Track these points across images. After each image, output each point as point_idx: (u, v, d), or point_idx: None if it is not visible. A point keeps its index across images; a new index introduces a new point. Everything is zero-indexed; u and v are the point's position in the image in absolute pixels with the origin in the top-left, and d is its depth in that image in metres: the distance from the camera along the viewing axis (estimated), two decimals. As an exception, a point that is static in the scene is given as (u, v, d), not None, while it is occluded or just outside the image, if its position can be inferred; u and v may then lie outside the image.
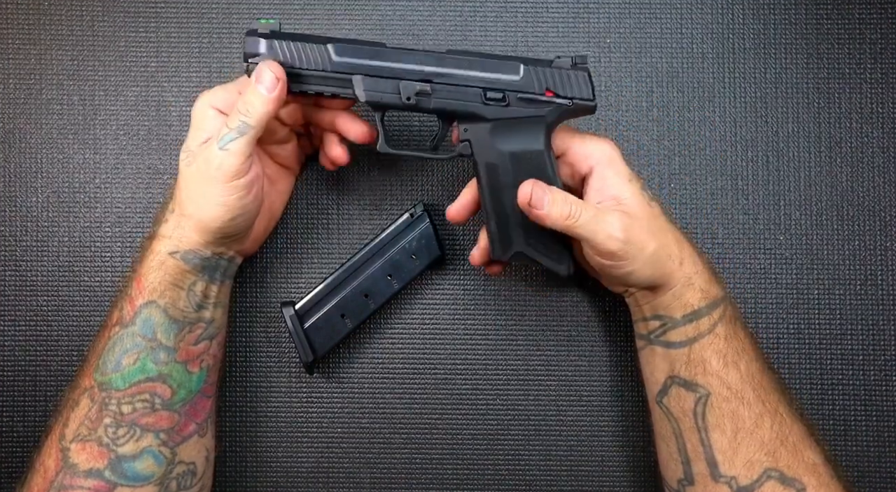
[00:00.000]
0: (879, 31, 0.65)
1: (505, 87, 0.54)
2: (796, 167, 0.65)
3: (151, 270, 0.52)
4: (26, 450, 0.62)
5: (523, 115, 0.54)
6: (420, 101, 0.53)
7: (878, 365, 0.64)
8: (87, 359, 0.53)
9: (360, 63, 0.53)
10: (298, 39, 0.53)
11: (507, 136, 0.54)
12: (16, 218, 0.64)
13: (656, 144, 0.65)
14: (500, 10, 0.65)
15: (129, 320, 0.52)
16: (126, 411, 0.51)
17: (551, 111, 0.54)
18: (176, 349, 0.53)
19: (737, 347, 0.53)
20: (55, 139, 0.64)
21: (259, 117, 0.50)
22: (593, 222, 0.51)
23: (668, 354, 0.54)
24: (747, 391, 0.52)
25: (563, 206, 0.51)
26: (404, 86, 0.53)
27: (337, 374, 0.64)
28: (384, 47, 0.53)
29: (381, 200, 0.64)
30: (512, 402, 0.64)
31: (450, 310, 0.64)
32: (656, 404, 0.55)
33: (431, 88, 0.53)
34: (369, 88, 0.53)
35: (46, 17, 0.64)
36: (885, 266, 0.64)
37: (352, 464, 0.63)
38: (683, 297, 0.53)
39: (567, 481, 0.63)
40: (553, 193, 0.52)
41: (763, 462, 0.51)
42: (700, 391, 0.52)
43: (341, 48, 0.53)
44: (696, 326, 0.53)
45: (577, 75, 0.54)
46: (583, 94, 0.54)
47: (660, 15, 0.65)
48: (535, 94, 0.54)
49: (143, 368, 0.51)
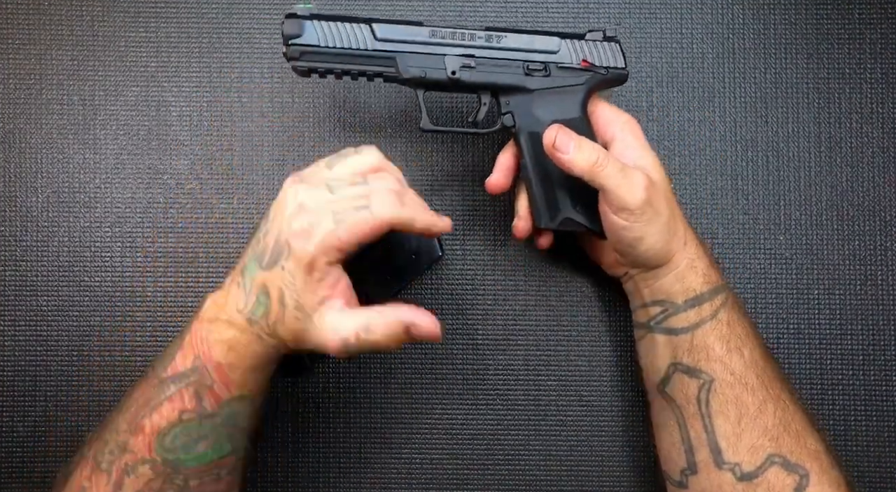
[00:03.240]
0: (879, 31, 0.65)
1: (545, 58, 0.56)
2: (796, 167, 0.65)
3: (248, 374, 0.49)
4: (26, 450, 0.62)
5: (563, 84, 0.56)
6: (464, 76, 0.55)
7: (878, 365, 0.64)
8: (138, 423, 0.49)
9: (403, 40, 0.54)
10: (337, 20, 0.54)
11: (548, 105, 0.56)
12: (16, 218, 0.64)
13: (656, 144, 0.65)
14: (500, 9, 0.65)
15: (211, 412, 0.49)
16: (193, 485, 0.49)
17: (588, 79, 0.56)
18: (250, 428, 0.52)
19: (740, 333, 0.53)
20: (55, 139, 0.64)
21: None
22: (619, 174, 0.52)
23: (670, 340, 0.54)
24: (751, 377, 0.52)
25: (590, 152, 0.52)
26: (449, 60, 0.55)
27: (337, 374, 0.64)
28: (423, 25, 0.55)
29: (381, 200, 0.64)
30: (512, 402, 0.64)
31: (450, 310, 0.64)
32: (658, 393, 0.55)
33: (475, 63, 0.55)
34: (414, 65, 0.54)
35: (46, 17, 0.64)
36: (885, 266, 0.64)
37: (352, 464, 0.63)
38: (686, 279, 0.54)
39: (567, 481, 0.63)
40: (580, 140, 0.53)
41: (766, 448, 0.50)
42: (703, 377, 0.52)
43: (384, 27, 0.54)
44: (698, 311, 0.53)
45: (610, 46, 0.57)
46: (617, 63, 0.57)
47: (660, 15, 0.65)
48: (574, 64, 0.56)
49: (220, 449, 0.50)
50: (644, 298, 0.56)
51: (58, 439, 0.62)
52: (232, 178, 0.64)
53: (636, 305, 0.57)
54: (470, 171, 0.65)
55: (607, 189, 0.52)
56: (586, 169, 0.52)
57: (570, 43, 0.56)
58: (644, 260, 0.54)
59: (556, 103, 0.56)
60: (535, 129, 0.56)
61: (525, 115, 0.56)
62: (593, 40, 0.57)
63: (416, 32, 0.54)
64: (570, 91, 0.56)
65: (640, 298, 0.56)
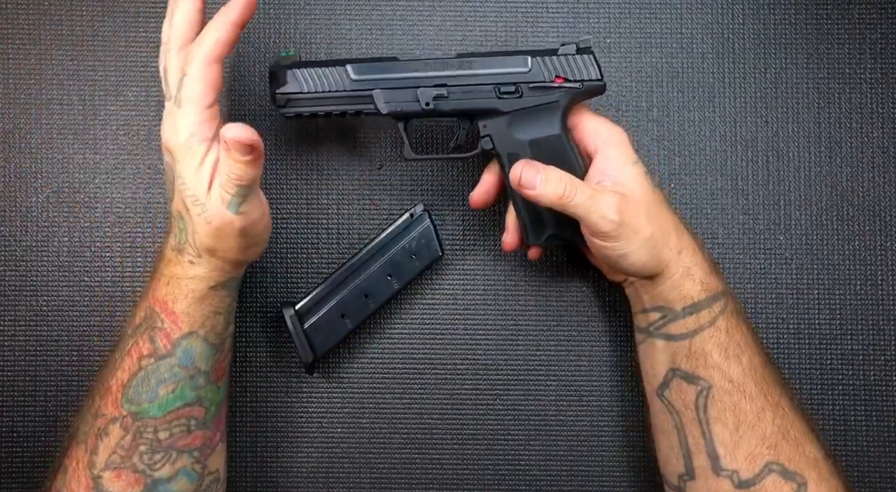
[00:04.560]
0: (879, 31, 0.65)
1: (516, 79, 0.56)
2: (796, 167, 0.65)
3: (191, 305, 0.52)
4: (26, 450, 0.62)
5: (537, 103, 0.56)
6: (438, 105, 0.56)
7: (878, 365, 0.64)
8: (105, 385, 0.52)
9: (377, 78, 0.56)
10: (317, 65, 0.56)
11: (525, 125, 0.57)
12: (16, 218, 0.64)
13: (656, 144, 0.65)
14: (500, 9, 0.65)
15: (166, 352, 0.51)
16: (163, 437, 0.51)
17: (563, 95, 0.56)
18: (212, 371, 0.53)
19: (739, 340, 0.53)
20: (55, 139, 0.64)
21: (249, 179, 0.50)
22: (588, 202, 0.52)
23: (669, 346, 0.54)
24: (749, 385, 0.52)
25: (556, 184, 0.52)
26: (422, 92, 0.56)
27: (337, 374, 0.64)
28: (397, 60, 0.56)
29: (381, 200, 0.64)
30: (512, 402, 0.64)
31: (450, 310, 0.64)
32: (657, 397, 0.55)
33: (447, 92, 0.56)
34: (389, 100, 0.56)
35: (46, 17, 0.64)
36: (885, 266, 0.64)
37: (352, 464, 0.63)
38: (682, 288, 0.54)
39: (567, 481, 0.63)
40: (546, 172, 0.53)
41: (765, 456, 0.51)
42: (702, 384, 0.52)
43: (359, 67, 0.56)
44: (696, 318, 0.53)
45: (582, 59, 0.57)
46: (591, 75, 0.57)
47: (660, 15, 0.65)
48: (546, 81, 0.56)
49: (182, 395, 0.51)
50: (644, 303, 0.56)
51: (58, 439, 0.62)
52: (232, 178, 0.64)
53: (636, 309, 0.57)
54: (470, 171, 0.65)
55: (579, 217, 0.53)
56: (555, 201, 0.52)
57: (541, 61, 0.56)
58: (633, 272, 0.54)
59: (533, 122, 0.56)
60: (515, 150, 0.57)
61: (503, 138, 0.57)
62: (566, 54, 0.56)
63: (388, 68, 0.56)
64: (547, 109, 0.56)
65: (640, 303, 0.56)
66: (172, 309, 0.52)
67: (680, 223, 0.55)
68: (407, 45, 0.65)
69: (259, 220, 0.53)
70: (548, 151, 0.56)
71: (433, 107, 0.56)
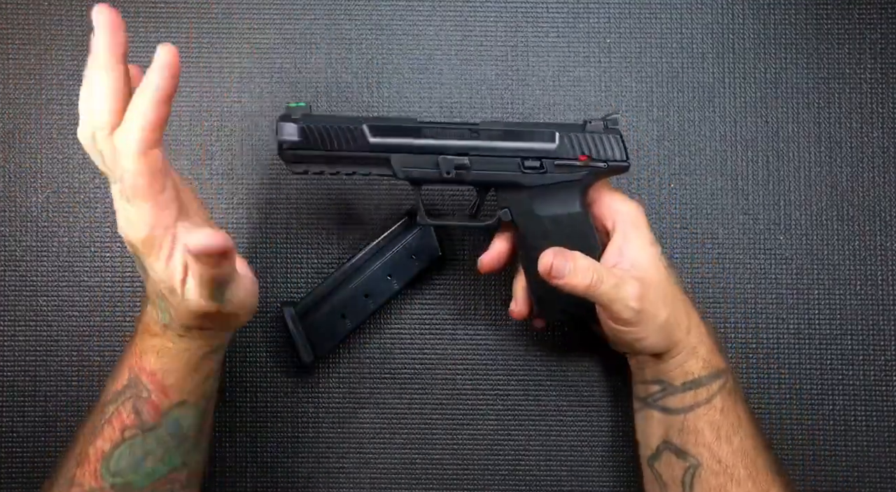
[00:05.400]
0: (879, 31, 0.65)
1: (542, 155, 0.54)
2: (796, 167, 0.65)
3: (184, 377, 0.49)
4: (26, 450, 0.62)
5: (560, 180, 0.54)
6: (460, 175, 0.54)
7: (878, 365, 0.64)
8: (83, 452, 0.49)
9: (397, 143, 0.53)
10: (330, 122, 0.53)
11: (546, 201, 0.55)
12: (16, 218, 0.64)
13: (656, 144, 0.65)
14: (500, 9, 0.65)
15: (153, 424, 0.49)
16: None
17: (586, 174, 0.55)
18: (201, 434, 0.51)
19: (733, 421, 0.53)
20: (55, 139, 0.64)
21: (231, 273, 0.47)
22: (613, 291, 0.51)
23: (665, 418, 0.54)
24: (738, 468, 0.52)
25: (584, 273, 0.51)
26: (443, 161, 0.54)
27: (337, 374, 0.64)
28: (416, 122, 0.54)
29: (381, 201, 0.64)
30: (512, 402, 0.64)
31: (450, 310, 0.64)
32: (648, 467, 0.56)
33: (470, 162, 0.54)
34: (408, 166, 0.54)
35: (46, 17, 0.64)
36: (885, 266, 0.64)
37: (352, 464, 0.63)
38: (685, 365, 0.54)
39: (567, 481, 0.63)
40: (575, 261, 0.51)
41: None
42: (691, 461, 0.52)
43: (376, 128, 0.53)
44: (694, 394, 0.53)
45: (610, 138, 0.54)
46: (616, 157, 0.55)
47: (660, 15, 0.65)
48: (571, 159, 0.54)
49: (170, 461, 0.49)
50: (645, 376, 0.56)
51: (58, 439, 0.62)
52: (232, 178, 0.64)
53: (637, 379, 0.57)
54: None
55: (602, 304, 0.52)
56: (581, 290, 0.51)
57: (567, 137, 0.54)
58: (645, 351, 0.54)
59: (554, 198, 0.55)
60: (533, 225, 0.55)
61: (522, 212, 0.55)
62: (593, 132, 0.54)
63: (409, 131, 0.53)
64: (569, 186, 0.55)
65: (642, 375, 0.56)
66: (161, 380, 0.49)
67: (689, 301, 0.55)
68: (407, 46, 0.65)
69: (246, 297, 0.50)
70: (568, 228, 0.55)
71: (453, 176, 0.54)
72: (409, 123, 0.54)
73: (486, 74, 0.65)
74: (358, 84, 0.65)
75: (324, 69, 0.65)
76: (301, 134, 0.53)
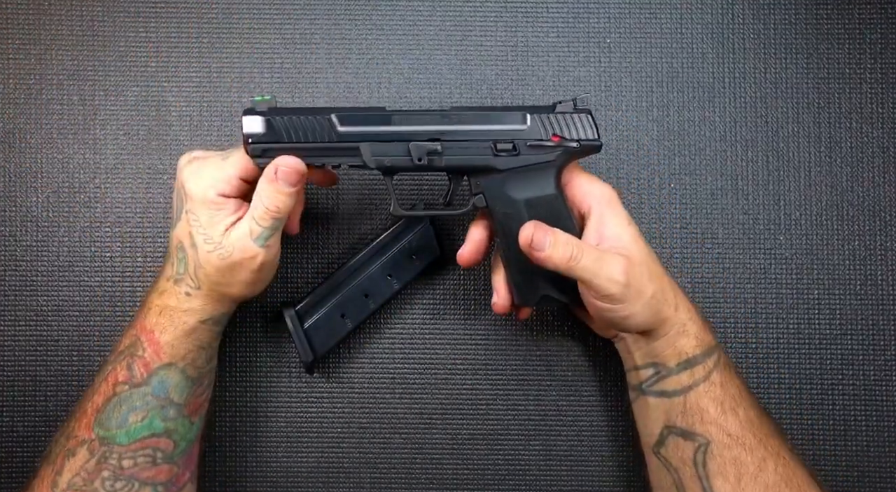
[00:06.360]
0: (879, 31, 0.65)
1: (514, 136, 0.54)
2: (796, 167, 0.65)
3: (178, 338, 0.52)
4: (26, 450, 0.62)
5: (533, 161, 0.54)
6: (432, 161, 0.54)
7: (878, 365, 0.64)
8: (82, 408, 0.52)
9: (366, 131, 0.53)
10: (297, 113, 0.53)
11: (520, 183, 0.54)
12: (16, 218, 0.64)
13: (656, 144, 0.65)
14: (500, 10, 0.65)
15: (141, 381, 0.52)
16: (126, 465, 0.50)
17: (559, 155, 0.54)
18: (186, 405, 0.53)
19: (733, 393, 0.53)
20: (55, 139, 0.64)
21: (287, 211, 0.52)
22: (595, 265, 0.51)
23: (663, 403, 0.54)
24: (748, 437, 0.52)
25: (565, 248, 0.51)
26: (415, 147, 0.53)
27: (337, 374, 0.64)
28: (385, 111, 0.54)
29: (381, 200, 0.64)
30: (512, 402, 0.64)
31: (450, 310, 0.64)
32: (653, 455, 0.55)
33: (442, 147, 0.53)
34: (378, 154, 0.53)
35: (46, 17, 0.64)
36: (885, 266, 0.64)
37: (352, 464, 0.63)
38: (678, 343, 0.53)
39: (567, 481, 0.63)
40: (555, 235, 0.51)
41: None
42: (699, 440, 0.52)
43: (345, 117, 0.53)
44: (690, 373, 0.53)
45: (580, 118, 0.54)
46: (588, 136, 0.54)
47: (660, 15, 0.65)
48: (543, 140, 0.54)
49: (151, 425, 0.51)
50: (636, 361, 0.55)
51: (58, 439, 0.62)
52: (232, 178, 0.64)
53: (628, 367, 0.57)
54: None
55: (585, 280, 0.51)
56: (562, 265, 0.51)
57: (538, 118, 0.54)
58: (633, 329, 0.54)
59: (528, 181, 0.54)
60: (509, 209, 0.54)
61: (497, 196, 0.54)
62: (563, 112, 0.54)
63: (378, 119, 0.53)
64: (542, 167, 0.54)
65: (632, 360, 0.56)
66: (157, 339, 0.52)
67: (672, 280, 0.55)
68: (407, 46, 0.65)
69: (276, 255, 0.54)
70: (544, 210, 0.54)
71: (425, 162, 0.53)
72: (378, 111, 0.54)
73: (486, 74, 0.65)
74: (358, 84, 0.65)
75: (324, 69, 0.65)
76: (267, 126, 0.53)
